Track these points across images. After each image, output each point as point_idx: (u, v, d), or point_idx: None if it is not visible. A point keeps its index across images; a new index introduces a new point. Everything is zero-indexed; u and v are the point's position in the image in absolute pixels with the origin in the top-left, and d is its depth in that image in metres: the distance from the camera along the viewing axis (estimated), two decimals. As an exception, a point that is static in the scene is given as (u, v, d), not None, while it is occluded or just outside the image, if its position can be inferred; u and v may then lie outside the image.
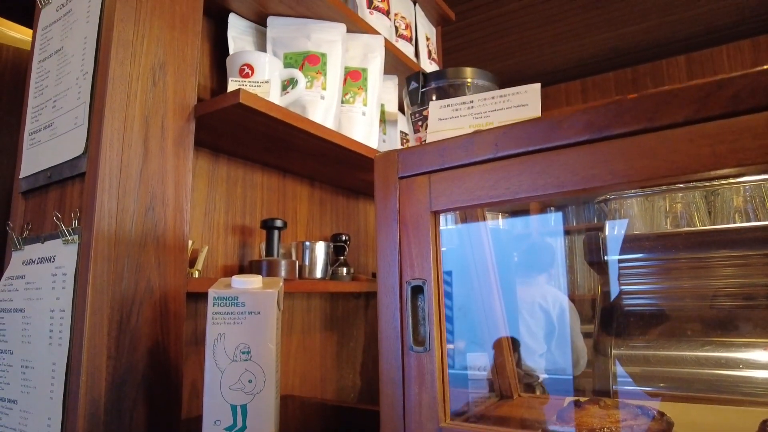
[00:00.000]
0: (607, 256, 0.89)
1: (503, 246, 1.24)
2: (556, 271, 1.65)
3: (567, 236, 2.28)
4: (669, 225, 0.98)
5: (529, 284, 1.50)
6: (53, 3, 0.95)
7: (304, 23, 1.10)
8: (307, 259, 1.09)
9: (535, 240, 1.62)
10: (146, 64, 0.82)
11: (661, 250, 0.93)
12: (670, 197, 0.94)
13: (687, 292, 0.93)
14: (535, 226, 1.89)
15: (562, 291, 1.56)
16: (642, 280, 0.95)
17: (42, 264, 0.79)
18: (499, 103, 0.57)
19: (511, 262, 1.47)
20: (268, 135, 0.98)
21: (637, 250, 0.91)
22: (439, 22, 1.72)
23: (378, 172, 0.55)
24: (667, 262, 0.94)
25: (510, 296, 1.25)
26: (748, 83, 0.39)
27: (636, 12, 2.79)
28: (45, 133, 0.87)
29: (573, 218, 2.71)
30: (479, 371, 0.95)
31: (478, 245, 0.89)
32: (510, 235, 1.39)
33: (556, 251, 1.70)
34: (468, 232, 0.96)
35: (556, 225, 1.87)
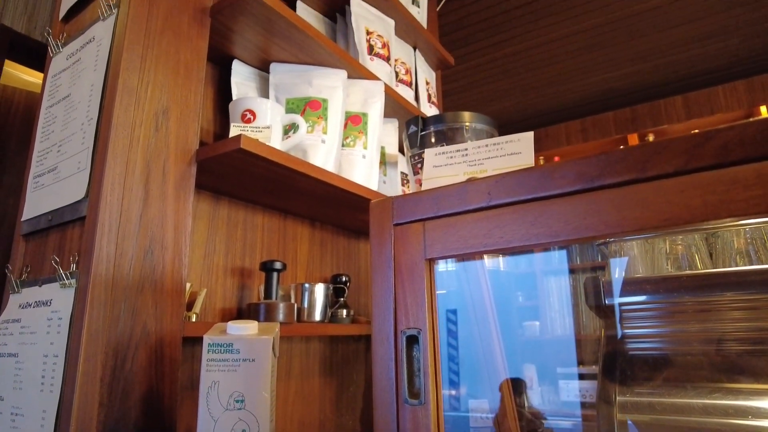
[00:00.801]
0: (608, 299, 0.88)
1: (504, 286, 1.23)
2: (561, 311, 1.62)
3: (572, 275, 2.26)
4: (670, 267, 0.97)
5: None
6: (64, 52, 0.98)
7: (306, 69, 1.13)
8: (306, 301, 1.08)
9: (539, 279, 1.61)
10: (150, 109, 0.84)
11: (665, 293, 0.92)
12: (671, 239, 0.94)
13: (693, 336, 0.91)
14: (539, 264, 1.88)
15: (568, 331, 1.54)
16: (645, 324, 0.93)
17: (38, 308, 0.78)
18: (493, 150, 0.58)
19: (514, 302, 1.45)
20: (270, 178, 1.00)
21: (639, 293, 0.90)
22: (438, 66, 1.76)
23: (373, 219, 0.55)
24: (670, 305, 0.93)
25: (513, 337, 1.23)
26: (736, 135, 0.40)
27: (632, 54, 2.86)
28: (49, 177, 0.88)
29: (577, 257, 2.68)
30: (482, 417, 0.92)
31: (476, 287, 0.88)
32: (512, 274, 1.38)
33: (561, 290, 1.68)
34: (466, 272, 0.96)
35: (561, 263, 1.85)
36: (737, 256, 0.92)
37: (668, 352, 0.88)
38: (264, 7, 0.96)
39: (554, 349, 1.45)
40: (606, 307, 0.90)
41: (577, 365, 1.36)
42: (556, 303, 1.64)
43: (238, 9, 0.96)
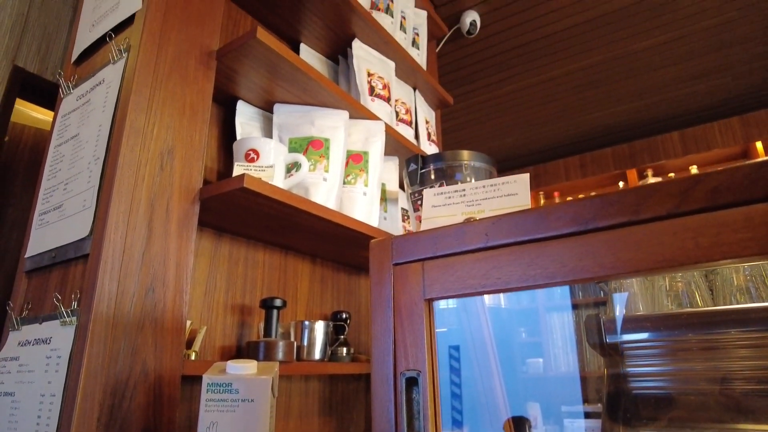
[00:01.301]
0: (610, 338, 0.87)
1: (506, 322, 1.22)
2: (565, 347, 1.61)
3: (575, 310, 2.25)
4: (671, 304, 0.97)
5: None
6: (74, 93, 1.01)
7: (308, 110, 1.16)
8: (306, 339, 1.08)
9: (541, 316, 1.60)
10: (155, 149, 0.86)
11: (667, 331, 0.91)
12: (670, 276, 0.94)
13: (697, 374, 0.90)
14: (541, 300, 1.87)
15: (572, 368, 1.52)
16: (649, 362, 0.92)
17: (38, 345, 0.78)
18: (490, 191, 0.59)
19: (516, 339, 1.43)
20: (272, 216, 1.01)
21: (641, 330, 0.89)
22: (438, 106, 1.80)
23: (373, 258, 0.56)
24: (673, 343, 0.92)
25: (516, 374, 1.21)
26: (725, 179, 0.41)
27: (628, 92, 2.93)
28: (54, 214, 0.90)
29: (579, 292, 2.67)
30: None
31: (476, 323, 0.88)
32: (513, 311, 1.37)
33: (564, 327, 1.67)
34: (466, 309, 0.96)
35: (563, 299, 1.84)
36: (737, 292, 0.92)
37: (672, 391, 0.87)
38: (268, 51, 1.00)
39: (558, 386, 1.43)
40: (608, 345, 0.89)
41: (582, 403, 1.33)
42: (559, 339, 1.62)
43: (244, 53, 1.00)
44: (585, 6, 2.21)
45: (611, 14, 2.26)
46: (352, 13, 1.31)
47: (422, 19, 1.83)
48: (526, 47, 2.49)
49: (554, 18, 2.29)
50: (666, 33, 2.41)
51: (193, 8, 0.98)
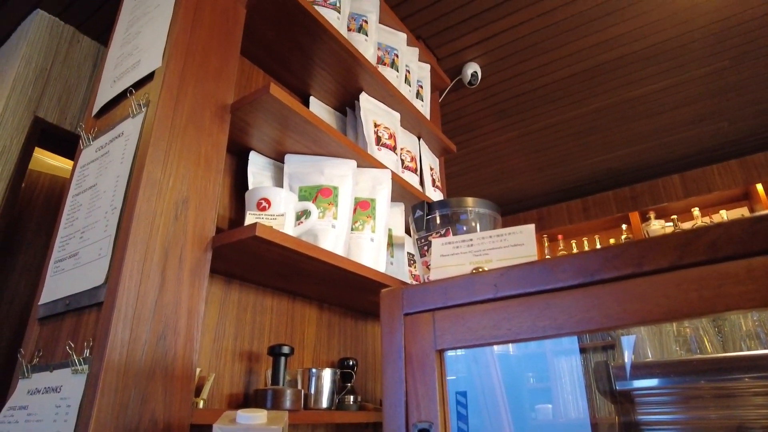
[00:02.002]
0: (620, 385, 0.87)
1: (514, 367, 1.21)
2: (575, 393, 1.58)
3: (583, 354, 2.20)
4: (680, 350, 0.97)
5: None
6: (93, 145, 1.05)
7: (318, 160, 1.20)
8: (313, 387, 1.07)
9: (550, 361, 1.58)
10: (170, 199, 0.88)
11: (678, 378, 0.91)
12: (678, 322, 0.94)
13: (712, 423, 0.89)
14: (549, 344, 1.84)
15: (581, 413, 1.49)
16: (660, 410, 0.91)
17: (47, 394, 0.78)
18: (497, 242, 0.61)
19: (524, 384, 1.41)
20: (281, 262, 1.03)
21: (652, 377, 0.89)
22: (441, 153, 1.85)
23: (383, 308, 0.57)
24: (685, 391, 0.91)
25: (525, 420, 1.19)
26: (723, 233, 0.43)
27: (627, 137, 2.99)
28: (69, 262, 0.92)
29: (587, 336, 2.63)
30: None
31: (485, 370, 0.88)
32: (521, 356, 1.35)
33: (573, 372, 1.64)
34: (475, 356, 0.95)
35: (571, 343, 1.82)
36: (747, 338, 0.92)
37: (686, 442, 0.86)
38: (281, 105, 1.04)
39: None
40: (618, 392, 0.89)
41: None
42: (568, 384, 1.59)
43: (257, 106, 1.04)
44: (581, 57, 2.30)
45: (607, 64, 2.35)
46: (360, 68, 1.37)
47: (426, 72, 1.90)
48: (525, 96, 2.57)
49: (552, 69, 2.37)
50: (660, 81, 2.49)
51: (210, 65, 1.03)
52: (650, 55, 2.30)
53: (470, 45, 2.21)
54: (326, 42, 1.28)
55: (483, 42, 2.20)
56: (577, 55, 2.28)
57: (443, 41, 2.19)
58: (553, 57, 2.29)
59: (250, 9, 1.17)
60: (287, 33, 1.25)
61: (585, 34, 2.16)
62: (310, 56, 1.33)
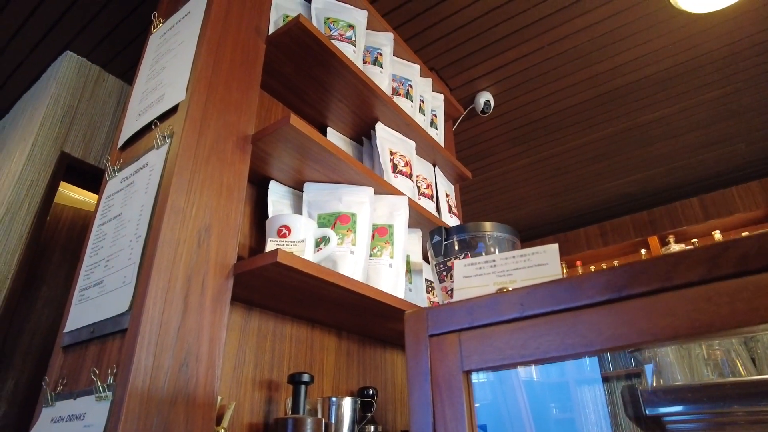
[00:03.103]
0: (649, 409, 0.84)
1: (538, 397, 1.18)
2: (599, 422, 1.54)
3: (606, 383, 2.14)
4: (711, 374, 0.94)
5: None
6: (119, 176, 1.08)
7: (336, 188, 1.22)
8: (334, 416, 1.05)
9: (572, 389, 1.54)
10: (193, 227, 0.90)
11: (712, 402, 0.88)
12: (707, 344, 0.92)
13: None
14: (571, 374, 1.80)
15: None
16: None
17: (71, 422, 0.79)
18: (521, 262, 0.61)
19: (549, 414, 1.38)
20: (301, 289, 1.03)
21: (683, 401, 0.86)
22: (456, 180, 1.86)
23: (408, 330, 0.57)
24: (719, 416, 0.88)
25: None
26: (753, 244, 0.42)
27: (644, 160, 2.98)
28: (94, 290, 0.93)
29: (609, 364, 2.57)
30: None
31: (512, 400, 0.86)
32: (545, 384, 1.32)
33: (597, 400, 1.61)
34: (502, 385, 0.93)
35: (593, 372, 1.78)
36: (781, 362, 0.88)
37: (723, 471, 0.82)
38: (300, 135, 1.07)
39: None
40: (647, 417, 0.86)
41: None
42: (592, 415, 1.55)
43: (277, 137, 1.07)
44: (593, 83, 2.32)
45: (619, 89, 2.37)
46: (376, 99, 1.40)
47: (439, 102, 1.94)
48: (538, 123, 2.60)
49: (564, 95, 2.40)
50: (674, 105, 2.50)
51: (231, 98, 1.07)
52: (663, 79, 2.31)
53: (482, 74, 2.26)
54: (343, 75, 1.32)
55: (495, 71, 2.24)
56: (589, 81, 2.31)
57: (456, 72, 2.23)
58: (564, 84, 2.32)
59: (269, 44, 1.21)
60: (305, 67, 1.29)
61: (596, 60, 2.18)
62: (327, 88, 1.36)
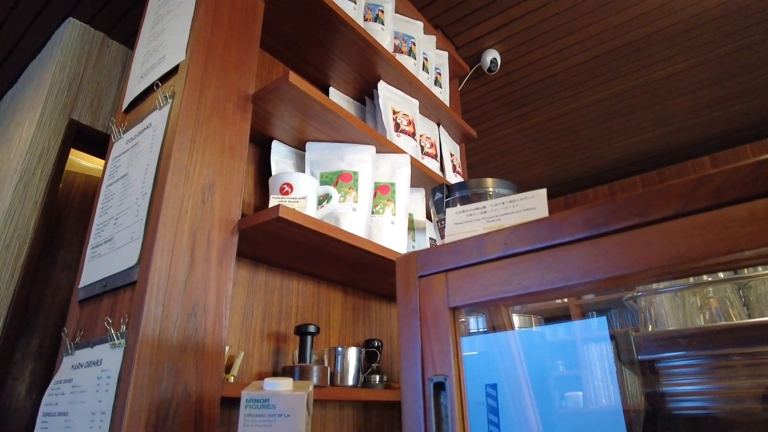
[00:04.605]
0: (642, 355, 0.87)
1: (541, 356, 1.21)
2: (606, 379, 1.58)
3: (613, 341, 2.17)
4: (705, 321, 0.96)
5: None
6: (124, 137, 1.11)
7: (338, 147, 1.23)
8: (340, 365, 1.10)
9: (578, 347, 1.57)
10: (197, 184, 0.93)
11: (703, 347, 0.90)
12: (701, 293, 0.93)
13: (738, 392, 0.88)
14: (579, 332, 1.82)
15: (613, 400, 1.48)
16: (686, 381, 0.91)
17: (89, 368, 0.84)
18: (510, 207, 0.62)
19: (554, 373, 1.41)
20: (305, 245, 1.06)
21: (676, 347, 0.88)
22: (462, 139, 1.86)
23: (399, 272, 0.60)
24: (709, 360, 0.90)
25: (554, 409, 1.19)
26: (726, 178, 0.43)
27: (655, 119, 2.93)
28: (105, 247, 0.97)
29: (616, 322, 2.59)
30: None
31: (508, 357, 0.89)
32: (551, 344, 1.35)
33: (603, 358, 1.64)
34: (498, 342, 0.96)
35: (601, 330, 1.80)
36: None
37: (712, 410, 0.85)
38: (300, 94, 1.07)
39: (600, 421, 1.39)
40: (641, 363, 0.88)
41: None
42: (598, 372, 1.58)
43: (277, 95, 1.08)
44: (602, 39, 2.26)
45: (629, 45, 2.31)
46: (377, 57, 1.39)
47: (443, 59, 1.91)
48: (546, 81, 2.55)
49: (573, 52, 2.35)
50: (687, 60, 2.43)
51: (231, 57, 1.07)
52: (673, 33, 2.24)
53: (488, 32, 2.21)
54: (343, 32, 1.31)
55: (501, 28, 2.19)
56: (597, 37, 2.25)
57: (461, 29, 2.19)
58: (573, 40, 2.27)
59: (268, 2, 1.20)
60: (305, 25, 1.28)
61: (605, 15, 2.12)
62: (328, 47, 1.36)
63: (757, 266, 0.81)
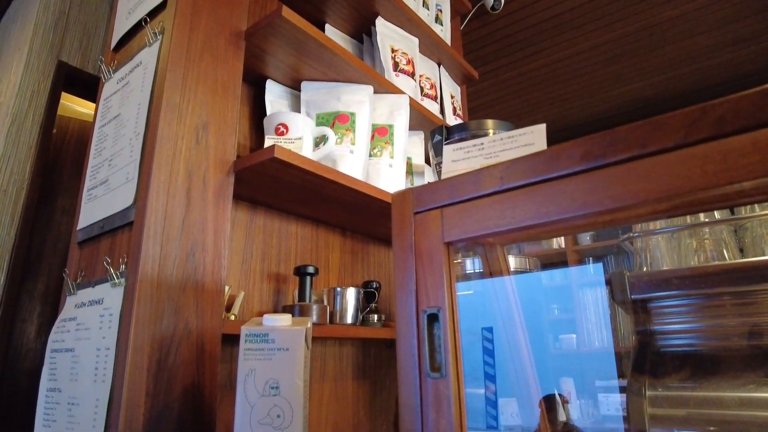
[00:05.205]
0: (635, 294, 0.88)
1: (537, 299, 1.23)
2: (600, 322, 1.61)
3: (609, 288, 2.20)
4: (699, 263, 0.97)
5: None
6: (114, 77, 1.08)
7: (334, 86, 1.19)
8: (339, 304, 1.12)
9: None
10: (191, 124, 0.91)
11: (694, 287, 0.91)
12: (697, 234, 0.94)
13: (726, 330, 0.90)
14: (575, 278, 1.85)
15: (606, 344, 1.52)
16: (676, 320, 0.93)
17: (92, 306, 0.85)
18: (508, 143, 0.61)
19: (549, 316, 1.44)
20: (302, 187, 1.05)
21: (667, 287, 0.89)
22: (463, 81, 1.81)
23: (395, 209, 0.59)
24: (702, 299, 0.92)
25: (549, 351, 1.22)
26: (731, 107, 0.42)
27: (661, 63, 2.84)
28: (101, 189, 0.96)
29: (612, 268, 2.63)
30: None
31: (504, 301, 0.90)
32: (548, 288, 1.37)
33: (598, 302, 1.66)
34: (493, 284, 0.97)
35: (597, 275, 1.83)
36: (767, 247, 0.90)
37: (700, 348, 0.87)
38: (294, 29, 1.03)
39: (592, 362, 1.43)
40: (633, 302, 0.90)
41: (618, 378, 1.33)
42: (593, 315, 1.62)
43: (271, 32, 1.04)
44: (613, -26, 2.16)
45: (641, -19, 2.20)
46: (374, -10, 1.33)
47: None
48: (552, 21, 2.45)
49: (581, -11, 2.24)
50: None
51: (222, -10, 1.02)
52: (688, -32, 2.14)
53: (492, -33, 2.10)
54: (339, -36, 1.24)
55: (506, -37, 2.08)
56: (607, -28, 2.15)
57: (464, -36, 2.08)
58: (581, -24, 2.16)
59: (258, -70, 1.14)
60: (298, -45, 1.21)
61: (616, -52, 2.01)
62: (323, -20, 1.29)
63: (754, 203, 0.81)
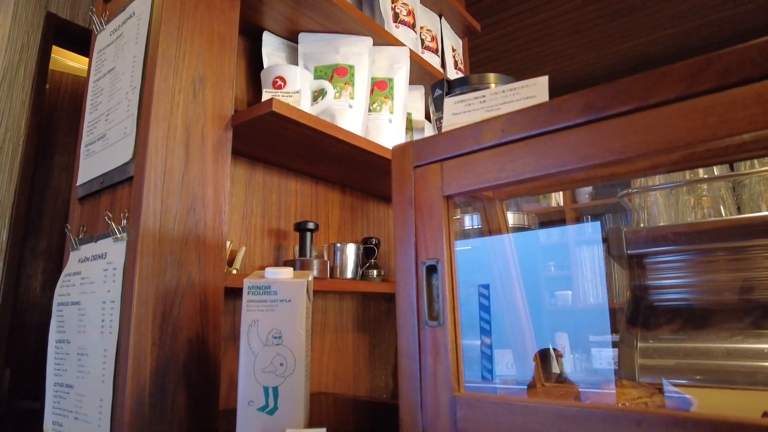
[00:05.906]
0: (631, 250, 0.89)
1: (534, 256, 1.24)
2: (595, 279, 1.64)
3: (606, 243, 2.23)
4: (696, 219, 0.97)
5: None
6: (107, 29, 1.05)
7: (332, 38, 1.17)
8: (339, 259, 1.14)
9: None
10: (187, 77, 0.89)
11: (689, 242, 0.92)
12: (695, 191, 0.94)
13: (718, 285, 0.92)
14: (572, 236, 1.87)
15: (602, 300, 1.55)
16: (669, 275, 0.94)
17: (95, 261, 0.86)
18: (510, 96, 0.60)
19: (546, 273, 1.45)
20: (300, 142, 1.05)
21: (662, 242, 0.91)
22: (465, 33, 1.76)
23: (395, 162, 0.59)
24: (695, 255, 0.93)
25: (545, 306, 1.24)
26: (737, 58, 0.41)
27: (667, 17, 2.76)
28: (99, 144, 0.96)
29: (610, 226, 2.66)
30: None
31: (501, 257, 0.90)
32: (546, 246, 1.38)
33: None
34: (492, 244, 0.98)
35: (594, 233, 1.85)
36: (765, 205, 0.91)
37: (692, 302, 0.90)
38: (290, -24, 1.00)
39: (587, 317, 1.46)
40: (629, 257, 0.91)
41: (611, 333, 1.36)
42: (588, 272, 1.64)
43: (266, -21, 1.00)
44: None
45: (652, -72, 2.11)
46: (374, -65, 1.28)
47: (447, -57, 1.75)
48: (558, -30, 2.37)
49: (589, -64, 2.15)
50: (713, -54, 2.24)
51: (214, -64, 0.98)
52: None
53: None
54: None
55: None
56: None
57: None
58: None
59: None
60: None
61: None
62: (320, -75, 1.24)
63: (754, 158, 0.81)
